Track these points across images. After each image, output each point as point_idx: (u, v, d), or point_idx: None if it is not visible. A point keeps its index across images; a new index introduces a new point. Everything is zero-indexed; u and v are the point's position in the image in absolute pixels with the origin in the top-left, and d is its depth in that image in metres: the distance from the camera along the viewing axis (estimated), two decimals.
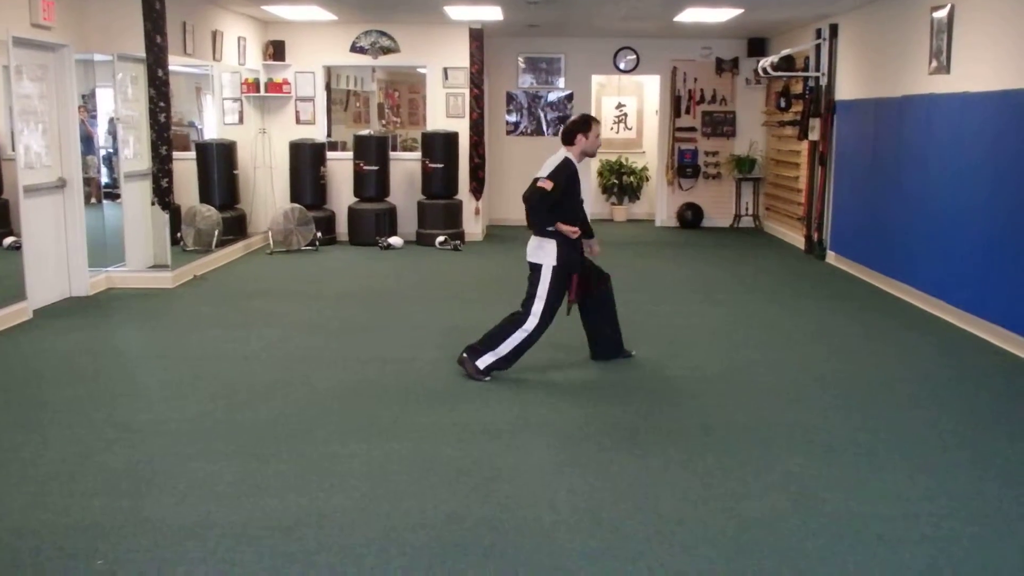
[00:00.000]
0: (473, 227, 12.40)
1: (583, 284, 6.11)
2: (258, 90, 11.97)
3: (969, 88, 7.40)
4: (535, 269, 5.92)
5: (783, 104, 12.31)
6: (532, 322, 5.83)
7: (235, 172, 11.16)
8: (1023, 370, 6.25)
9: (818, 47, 11.06)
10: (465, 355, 5.92)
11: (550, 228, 5.85)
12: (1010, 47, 6.83)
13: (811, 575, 3.41)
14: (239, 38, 11.30)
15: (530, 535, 3.71)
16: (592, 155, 6.14)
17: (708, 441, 4.82)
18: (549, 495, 4.10)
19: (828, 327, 7.56)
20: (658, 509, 3.97)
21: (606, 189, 14.81)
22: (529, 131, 14.15)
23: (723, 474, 4.36)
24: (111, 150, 9.28)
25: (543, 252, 5.88)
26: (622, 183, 14.70)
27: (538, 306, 5.83)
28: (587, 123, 5.98)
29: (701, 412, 5.29)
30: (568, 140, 5.99)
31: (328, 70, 12.60)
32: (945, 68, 7.80)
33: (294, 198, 11.76)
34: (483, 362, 5.85)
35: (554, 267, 5.82)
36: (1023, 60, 6.64)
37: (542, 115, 14.11)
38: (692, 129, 14.05)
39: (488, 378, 5.83)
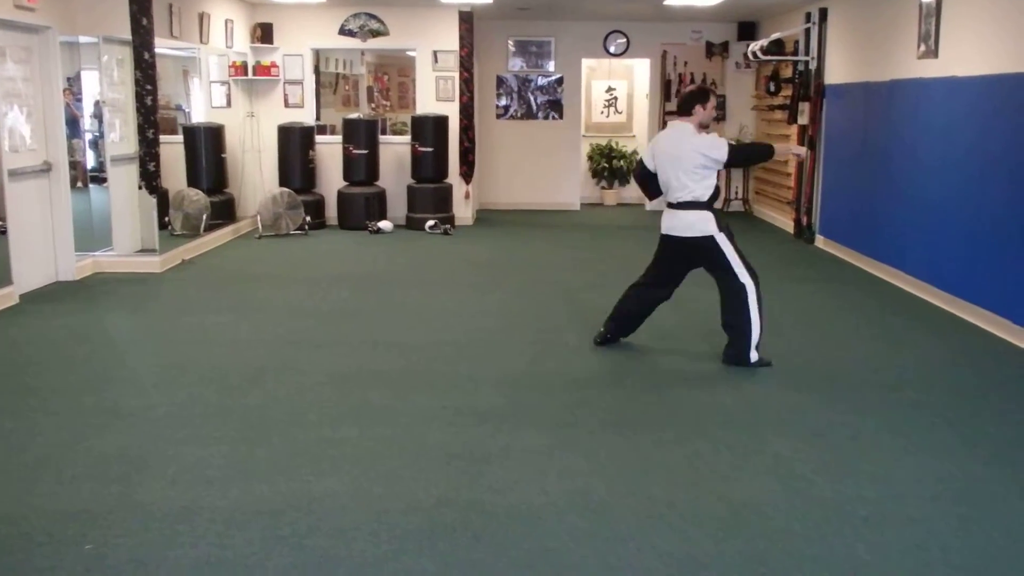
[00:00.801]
0: (463, 211, 12.38)
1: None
2: (246, 73, 11.90)
3: (957, 72, 7.41)
4: (704, 245, 5.84)
5: (773, 88, 12.31)
6: (749, 282, 5.82)
7: (223, 156, 11.11)
8: (1010, 353, 6.29)
9: (808, 31, 11.05)
10: (736, 362, 5.89)
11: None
12: (998, 31, 6.83)
13: (799, 557, 3.43)
14: (226, 20, 11.22)
15: (520, 518, 3.72)
16: (707, 126, 6.06)
17: (697, 425, 4.83)
18: (539, 479, 4.12)
19: (816, 311, 7.59)
20: (648, 492, 3.98)
21: (596, 173, 14.80)
22: (519, 115, 14.12)
23: (712, 457, 4.38)
24: (97, 133, 9.23)
25: (702, 224, 5.82)
26: (612, 167, 14.69)
27: (740, 269, 5.83)
28: (705, 94, 5.92)
29: (690, 396, 5.31)
30: (686, 111, 5.92)
31: (317, 53, 12.53)
32: (933, 52, 7.80)
33: (283, 182, 11.71)
34: (753, 355, 5.85)
35: (720, 234, 5.82)
36: (1011, 44, 6.65)
37: (532, 99, 14.08)
38: None
39: (766, 361, 5.88)
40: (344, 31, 12.14)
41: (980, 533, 3.65)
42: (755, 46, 11.47)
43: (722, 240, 5.82)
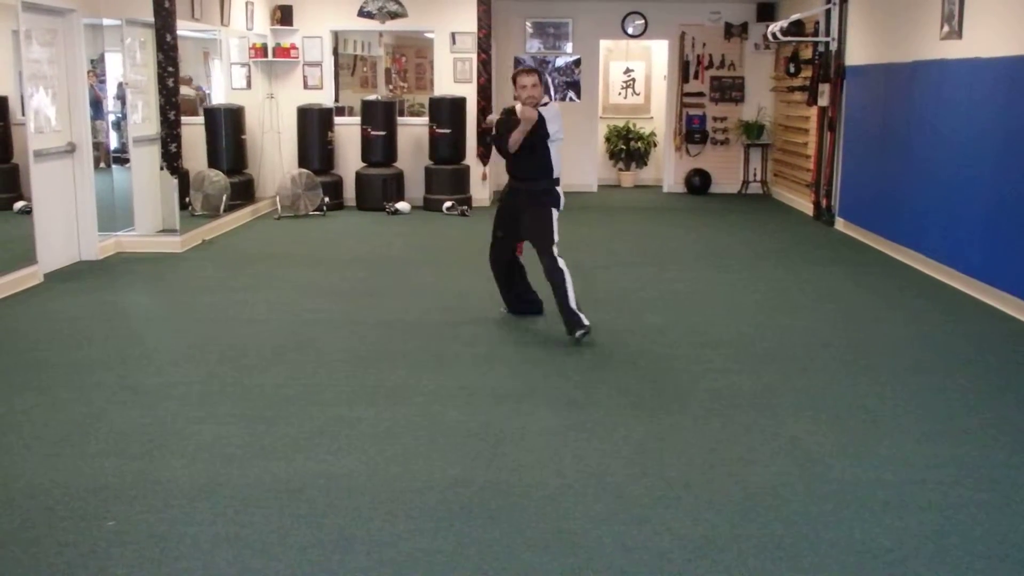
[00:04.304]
0: (480, 193, 12.37)
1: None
2: (266, 55, 11.91)
3: (981, 54, 7.33)
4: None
5: (792, 69, 12.22)
6: None
7: (243, 137, 11.16)
8: None
9: (828, 12, 10.95)
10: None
11: None
12: (1022, 12, 6.76)
13: (816, 541, 3.43)
14: (247, 3, 11.23)
15: (536, 499, 3.74)
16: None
17: (714, 407, 4.83)
18: (555, 459, 4.13)
19: (836, 293, 7.55)
20: (664, 474, 3.99)
21: (613, 155, 14.75)
22: None
23: (729, 440, 4.38)
24: (120, 115, 9.28)
25: None
26: (629, 148, 14.64)
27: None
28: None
29: (707, 378, 5.30)
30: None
31: (335, 35, 12.53)
32: (957, 33, 7.72)
33: (302, 163, 11.74)
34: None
35: None
36: None
37: (550, 80, 14.03)
38: (700, 94, 13.97)
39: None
40: (363, 13, 12.12)
41: (1002, 521, 3.61)
42: (774, 27, 11.38)
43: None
